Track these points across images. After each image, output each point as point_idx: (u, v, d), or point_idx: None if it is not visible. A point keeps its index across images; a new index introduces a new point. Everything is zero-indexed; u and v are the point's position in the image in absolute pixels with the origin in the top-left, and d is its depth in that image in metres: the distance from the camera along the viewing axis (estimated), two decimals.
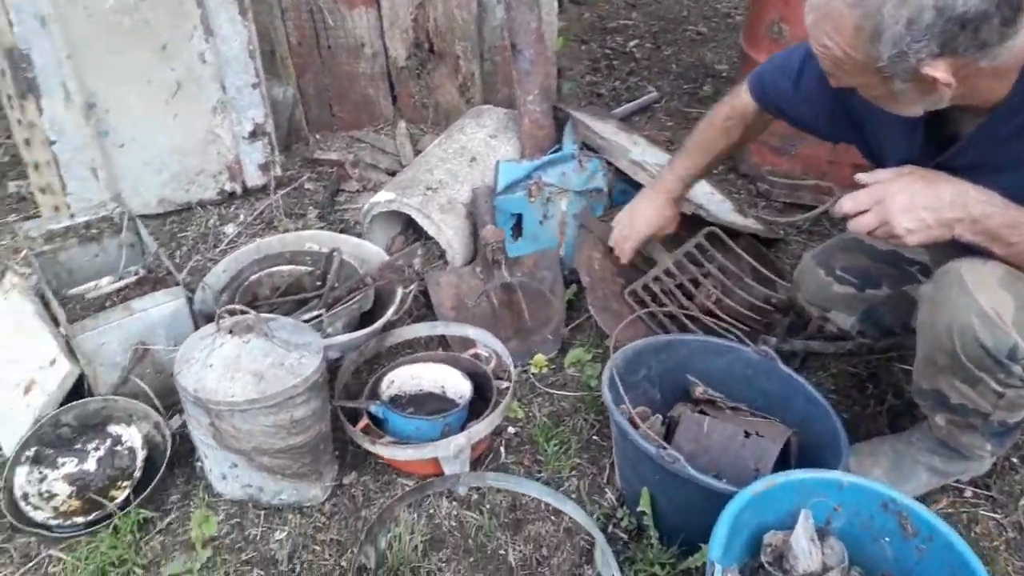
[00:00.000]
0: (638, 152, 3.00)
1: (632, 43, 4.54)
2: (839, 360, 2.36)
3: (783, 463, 1.88)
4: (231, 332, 1.86)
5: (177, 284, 2.13)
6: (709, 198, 2.90)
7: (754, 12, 3.10)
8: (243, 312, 1.87)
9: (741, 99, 2.05)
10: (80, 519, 1.90)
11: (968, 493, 2.01)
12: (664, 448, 1.67)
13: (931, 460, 1.96)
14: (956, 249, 1.58)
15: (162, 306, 2.09)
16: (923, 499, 1.98)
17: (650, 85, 4.01)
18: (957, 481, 2.02)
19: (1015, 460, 2.08)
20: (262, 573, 1.81)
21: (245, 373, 1.80)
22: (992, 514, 1.96)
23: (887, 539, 1.58)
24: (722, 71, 4.18)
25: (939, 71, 1.36)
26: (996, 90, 1.46)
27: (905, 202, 1.49)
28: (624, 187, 2.75)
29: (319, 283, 2.40)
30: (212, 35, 2.74)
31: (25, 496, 1.94)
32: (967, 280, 1.57)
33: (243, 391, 1.78)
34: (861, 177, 1.55)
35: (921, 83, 1.41)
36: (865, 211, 1.53)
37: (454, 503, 1.95)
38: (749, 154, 3.21)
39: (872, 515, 1.60)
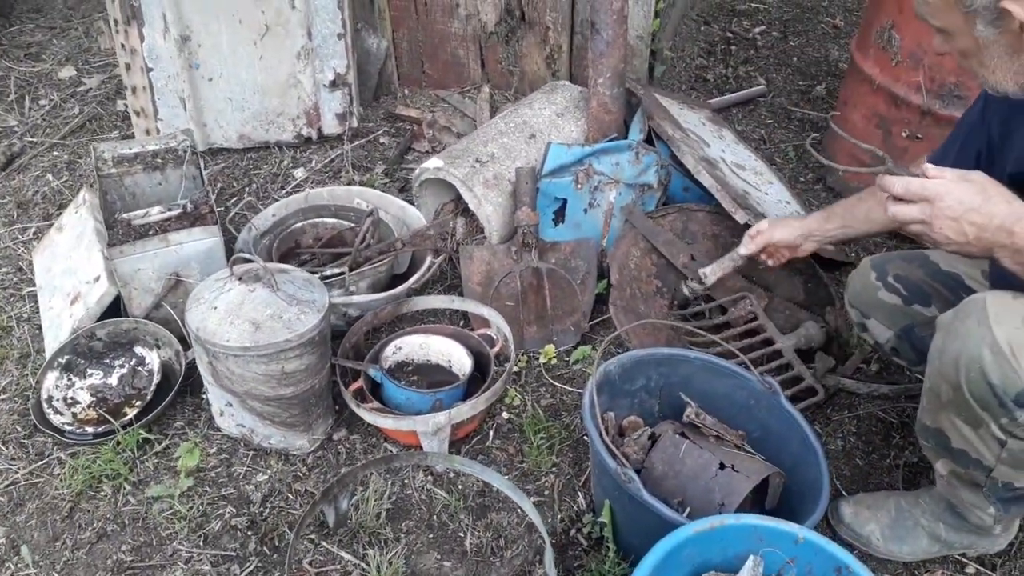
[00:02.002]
0: (717, 148, 2.87)
1: (758, 29, 4.31)
2: (871, 403, 2.22)
3: (758, 503, 1.80)
4: (240, 279, 1.94)
5: (215, 224, 2.23)
6: (783, 207, 2.75)
7: (868, 15, 2.88)
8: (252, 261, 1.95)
9: None
10: (91, 429, 2.06)
11: (970, 569, 1.86)
12: (624, 465, 1.63)
13: (935, 526, 1.83)
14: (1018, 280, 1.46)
15: (197, 242, 2.20)
16: (917, 566, 1.86)
17: (761, 77, 3.81)
18: (962, 555, 1.87)
19: None
20: (234, 510, 1.90)
21: (244, 320, 1.87)
22: None
23: None
24: (845, 71, 3.90)
25: (1017, 3, 1.32)
26: None
27: (955, 211, 1.38)
28: (687, 184, 2.65)
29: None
30: None
31: (50, 399, 2.11)
32: (989, 311, 1.45)
33: (239, 337, 1.85)
34: (929, 170, 1.44)
35: (1005, 31, 1.37)
36: (911, 201, 1.43)
37: (429, 477, 1.98)
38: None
39: None
